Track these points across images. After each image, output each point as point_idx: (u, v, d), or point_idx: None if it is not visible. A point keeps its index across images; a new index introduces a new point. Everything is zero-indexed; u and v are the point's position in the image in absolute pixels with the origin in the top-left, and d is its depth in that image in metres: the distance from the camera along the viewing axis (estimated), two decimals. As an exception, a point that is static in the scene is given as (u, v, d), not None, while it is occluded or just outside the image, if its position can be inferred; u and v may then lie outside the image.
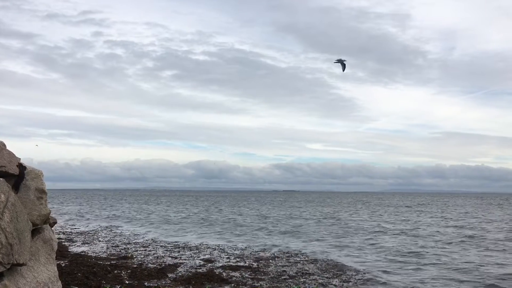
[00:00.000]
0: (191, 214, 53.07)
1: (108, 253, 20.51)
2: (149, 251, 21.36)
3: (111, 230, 32.01)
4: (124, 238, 26.98)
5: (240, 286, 13.67)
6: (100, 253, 20.23)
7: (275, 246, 23.80)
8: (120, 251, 21.27)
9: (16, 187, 7.60)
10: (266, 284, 14.07)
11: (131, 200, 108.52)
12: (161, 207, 72.43)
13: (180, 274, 15.41)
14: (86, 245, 23.37)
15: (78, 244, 23.74)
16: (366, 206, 78.87)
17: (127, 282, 13.69)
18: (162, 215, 50.76)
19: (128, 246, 23.21)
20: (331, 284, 14.31)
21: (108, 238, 26.73)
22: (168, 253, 20.81)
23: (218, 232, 31.40)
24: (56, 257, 8.35)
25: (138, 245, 23.45)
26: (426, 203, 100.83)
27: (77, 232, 30.12)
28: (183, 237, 28.24)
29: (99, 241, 25.33)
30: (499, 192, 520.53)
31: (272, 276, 15.51)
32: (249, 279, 14.70)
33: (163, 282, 13.94)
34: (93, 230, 32.22)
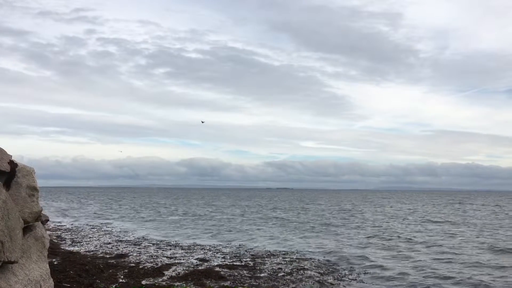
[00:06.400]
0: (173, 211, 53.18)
1: (100, 251, 20.43)
2: (141, 249, 21.33)
3: (100, 228, 31.92)
4: (114, 236, 26.91)
5: (238, 285, 13.59)
6: (91, 251, 20.14)
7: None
8: (111, 248, 21.20)
9: (7, 184, 7.51)
10: (264, 282, 14.04)
11: (121, 198, 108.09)
12: (149, 205, 72.25)
13: (177, 271, 15.29)
14: (76, 242, 23.27)
15: (68, 241, 23.63)
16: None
17: (122, 280, 13.53)
18: (150, 213, 50.68)
19: (120, 244, 23.14)
20: (327, 282, 14.32)
21: (98, 236, 26.63)
22: (161, 251, 20.78)
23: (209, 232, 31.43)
24: (47, 254, 8.28)
25: (130, 243, 23.40)
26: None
27: (66, 229, 30.02)
28: (176, 233, 28.25)
29: (89, 238, 25.24)
30: (490, 190, 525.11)
31: (268, 273, 15.54)
32: (247, 277, 14.64)
33: (159, 280, 13.80)
34: (81, 227, 32.13)
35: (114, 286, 12.73)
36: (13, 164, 7.76)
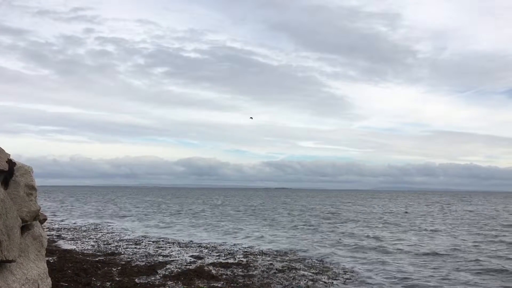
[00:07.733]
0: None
1: (98, 249, 20.42)
2: (139, 248, 21.33)
3: (99, 226, 31.93)
4: (113, 234, 26.91)
5: (231, 284, 13.64)
6: (89, 250, 20.13)
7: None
8: (109, 246, 21.20)
9: (5, 183, 7.50)
10: (257, 281, 14.07)
11: (119, 196, 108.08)
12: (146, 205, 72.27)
13: (169, 270, 15.36)
14: (74, 241, 23.24)
15: (66, 240, 23.60)
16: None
17: (117, 279, 13.61)
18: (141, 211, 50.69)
19: (118, 242, 23.14)
20: (321, 281, 14.34)
21: (97, 234, 26.63)
22: (159, 247, 20.79)
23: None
24: (45, 253, 8.27)
25: (131, 242, 23.40)
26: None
27: (64, 228, 29.99)
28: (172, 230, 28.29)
29: (88, 237, 25.23)
30: (488, 190, 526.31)
31: (262, 271, 15.58)
32: (240, 277, 14.68)
33: (153, 279, 13.88)
34: (80, 225, 32.11)
35: (109, 284, 12.76)
36: (11, 163, 7.75)
